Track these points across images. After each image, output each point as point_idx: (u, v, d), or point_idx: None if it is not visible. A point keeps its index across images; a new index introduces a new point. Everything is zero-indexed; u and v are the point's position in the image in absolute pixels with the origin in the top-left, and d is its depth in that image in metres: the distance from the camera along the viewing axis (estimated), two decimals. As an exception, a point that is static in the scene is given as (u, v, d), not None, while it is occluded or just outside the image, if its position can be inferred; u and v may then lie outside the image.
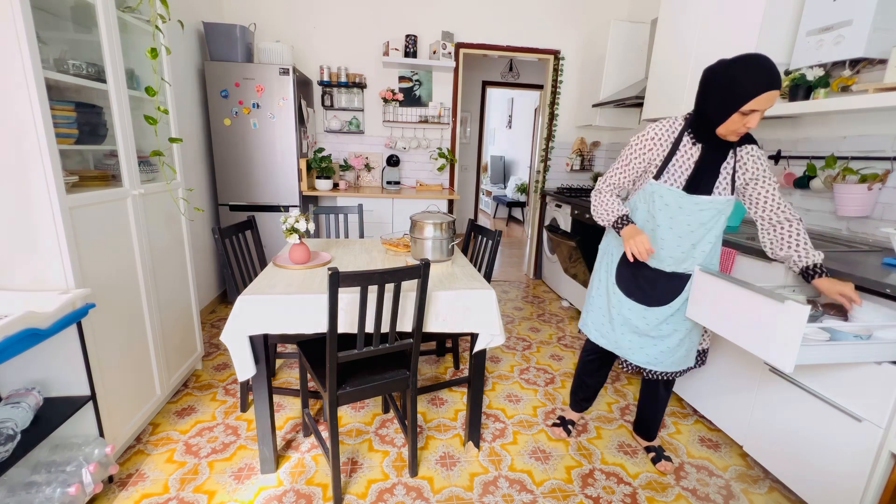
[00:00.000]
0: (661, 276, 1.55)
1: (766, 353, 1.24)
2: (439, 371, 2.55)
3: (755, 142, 1.44)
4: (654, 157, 1.46)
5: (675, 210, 1.45)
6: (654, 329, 1.59)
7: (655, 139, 1.45)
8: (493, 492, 1.66)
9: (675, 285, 1.55)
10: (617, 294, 1.64)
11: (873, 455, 1.33)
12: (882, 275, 1.39)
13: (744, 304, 1.33)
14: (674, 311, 1.56)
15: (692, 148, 1.42)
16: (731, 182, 1.44)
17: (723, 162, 1.42)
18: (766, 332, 1.24)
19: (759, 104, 1.23)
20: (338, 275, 1.29)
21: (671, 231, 1.48)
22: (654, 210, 1.48)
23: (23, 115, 1.30)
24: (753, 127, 1.28)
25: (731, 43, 2.19)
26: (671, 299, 1.56)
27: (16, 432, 1.25)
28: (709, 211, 1.43)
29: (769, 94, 1.21)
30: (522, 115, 7.73)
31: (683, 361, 1.64)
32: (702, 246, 1.49)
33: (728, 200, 1.44)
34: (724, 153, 1.41)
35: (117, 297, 1.70)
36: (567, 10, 3.84)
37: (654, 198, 1.48)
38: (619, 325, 1.65)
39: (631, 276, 1.60)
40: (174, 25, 2.46)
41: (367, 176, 3.95)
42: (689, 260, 1.51)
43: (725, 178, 1.43)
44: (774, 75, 1.21)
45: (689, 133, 1.42)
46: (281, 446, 1.85)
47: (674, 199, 1.44)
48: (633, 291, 1.60)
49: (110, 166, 1.85)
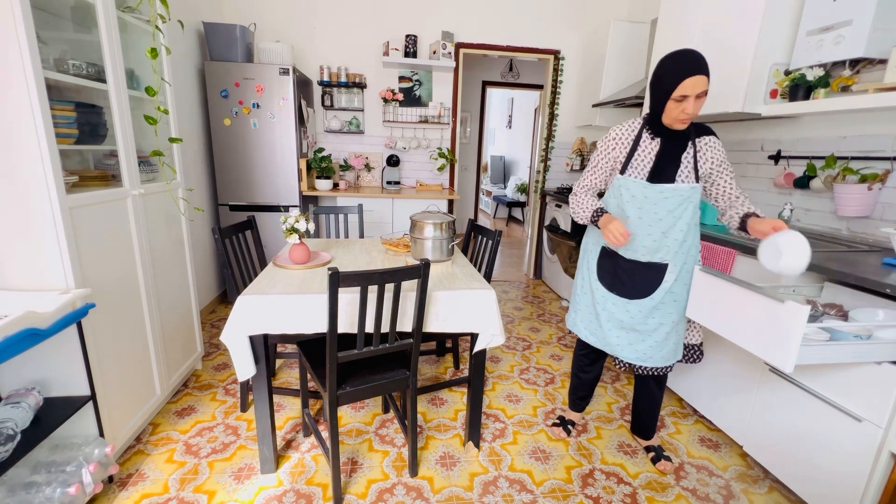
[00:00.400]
0: (638, 267, 1.59)
1: (766, 352, 1.25)
2: (439, 371, 2.55)
3: (714, 133, 1.53)
4: (619, 154, 1.57)
5: (641, 200, 1.53)
6: (640, 323, 1.62)
7: (617, 139, 1.57)
8: (493, 492, 1.66)
9: (654, 276, 1.58)
10: (600, 290, 1.68)
11: (873, 455, 1.33)
12: (882, 275, 1.39)
13: (744, 304, 1.33)
14: (657, 304, 1.59)
15: (652, 142, 1.52)
16: (693, 170, 1.50)
17: (682, 152, 1.50)
18: (766, 332, 1.24)
19: (686, 89, 1.35)
20: (338, 275, 1.29)
21: (641, 221, 1.54)
22: (623, 203, 1.57)
23: (23, 115, 1.30)
24: (691, 112, 1.39)
25: (732, 43, 2.19)
26: (652, 290, 1.59)
27: (16, 432, 1.25)
28: (673, 198, 1.50)
29: (693, 80, 1.34)
30: (522, 115, 7.73)
31: (673, 355, 1.67)
32: (673, 234, 1.54)
33: (692, 188, 1.50)
34: (682, 144, 1.50)
35: (117, 297, 1.70)
36: (567, 10, 3.84)
37: (622, 191, 1.57)
38: (606, 322, 1.68)
39: (611, 269, 1.65)
40: (174, 25, 2.46)
41: (367, 176, 3.95)
42: (664, 249, 1.55)
43: (687, 167, 1.50)
44: (695, 62, 1.34)
45: (647, 130, 1.53)
46: (281, 446, 1.85)
47: (639, 190, 1.53)
48: (615, 285, 1.64)
49: (110, 166, 1.84)
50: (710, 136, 1.52)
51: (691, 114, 1.39)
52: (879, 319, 1.34)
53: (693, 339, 1.73)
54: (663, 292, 1.58)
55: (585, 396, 2.01)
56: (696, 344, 1.72)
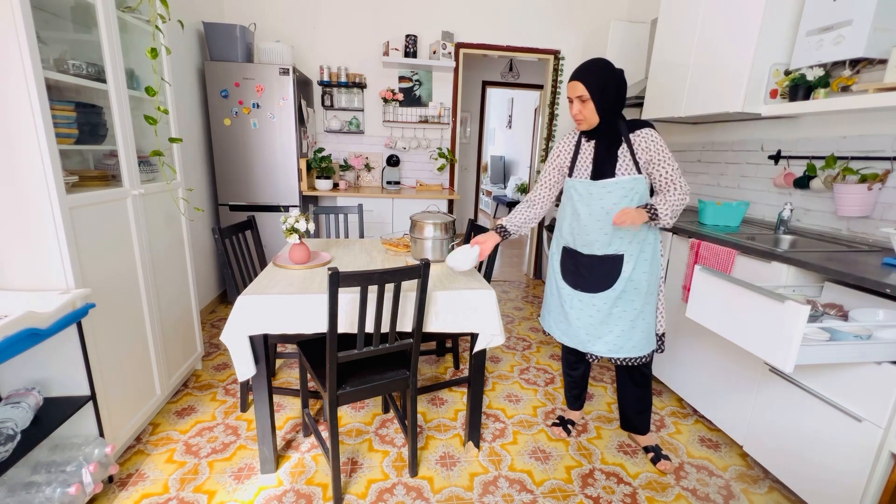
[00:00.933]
0: (596, 261, 1.66)
1: (767, 352, 1.25)
2: (439, 371, 2.55)
3: (650, 126, 1.59)
4: (563, 161, 1.73)
5: (587, 197, 1.63)
6: (606, 315, 1.67)
7: (559, 148, 1.74)
8: (493, 492, 1.66)
9: (612, 267, 1.65)
10: (566, 288, 1.74)
11: (873, 455, 1.33)
12: (882, 275, 1.39)
13: (744, 304, 1.33)
14: (619, 294, 1.65)
15: (587, 144, 1.66)
16: (633, 163, 1.57)
17: (617, 148, 1.58)
18: (766, 332, 1.24)
19: (567, 93, 1.59)
20: (338, 275, 1.29)
21: (591, 217, 1.63)
22: (574, 203, 1.67)
23: (23, 115, 1.30)
24: (573, 113, 1.59)
25: (731, 43, 2.19)
26: (613, 282, 1.65)
27: (16, 432, 1.25)
28: (617, 191, 1.58)
29: (569, 84, 1.56)
30: (522, 115, 7.73)
31: (645, 345, 1.69)
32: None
33: (634, 179, 1.57)
34: (614, 140, 1.59)
35: (117, 297, 1.70)
36: (567, 10, 3.84)
37: (571, 192, 1.68)
38: (575, 320, 1.72)
39: (573, 267, 1.72)
40: (174, 25, 2.46)
41: (367, 176, 3.95)
42: (616, 241, 1.62)
43: (626, 161, 1.57)
44: (577, 69, 1.56)
45: (584, 136, 1.68)
46: (281, 446, 1.85)
47: (585, 188, 1.64)
48: (578, 282, 1.71)
49: (110, 166, 1.84)
50: (645, 128, 1.58)
51: (577, 114, 1.57)
52: (879, 319, 1.34)
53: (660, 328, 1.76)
54: (624, 282, 1.64)
55: (579, 394, 2.05)
56: (659, 334, 1.75)
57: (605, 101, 1.53)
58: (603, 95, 1.52)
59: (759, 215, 2.44)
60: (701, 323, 1.52)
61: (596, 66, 1.54)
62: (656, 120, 2.89)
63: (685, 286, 2.09)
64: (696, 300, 1.53)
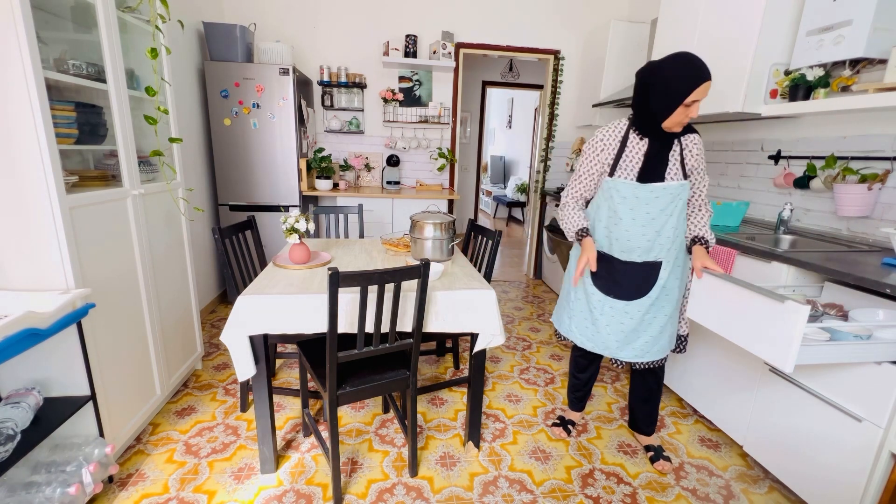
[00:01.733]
0: (634, 268, 1.60)
1: (767, 352, 1.24)
2: (439, 371, 2.55)
3: (696, 131, 1.55)
4: (607, 156, 1.56)
5: (633, 201, 1.53)
6: (639, 322, 1.63)
7: (604, 140, 1.56)
8: (493, 492, 1.66)
9: (650, 274, 1.59)
10: (596, 294, 1.66)
11: (873, 455, 1.33)
12: (882, 275, 1.39)
13: (744, 303, 1.33)
14: (653, 301, 1.61)
15: (640, 142, 1.52)
16: (681, 168, 1.52)
17: (669, 151, 1.52)
18: (767, 332, 1.24)
19: (698, 95, 1.37)
20: (338, 275, 1.29)
21: (634, 221, 1.55)
22: (615, 205, 1.56)
23: (23, 115, 1.30)
24: (695, 116, 1.43)
25: (731, 43, 2.19)
26: (649, 289, 1.60)
27: (16, 432, 1.25)
28: (664, 197, 1.51)
29: (705, 86, 1.36)
30: (522, 115, 7.73)
31: (667, 348, 1.69)
32: (666, 232, 1.55)
33: (681, 185, 1.52)
34: (669, 143, 1.51)
35: (117, 297, 1.70)
36: (567, 10, 3.84)
37: (612, 193, 1.56)
38: (605, 326, 1.66)
39: (606, 273, 1.63)
40: (174, 25, 2.46)
41: (367, 176, 3.95)
42: (657, 247, 1.56)
43: (675, 165, 1.52)
44: (704, 68, 1.36)
45: (634, 130, 1.53)
46: (281, 446, 1.85)
47: (630, 191, 1.53)
48: (612, 289, 1.63)
49: (110, 166, 1.84)
50: (694, 133, 1.54)
51: (694, 117, 1.43)
52: (879, 319, 1.34)
53: (682, 329, 1.75)
54: (658, 289, 1.60)
55: (583, 396, 2.03)
56: (683, 335, 1.75)
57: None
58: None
59: (759, 215, 2.44)
60: (702, 323, 1.52)
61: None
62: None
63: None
64: (697, 300, 1.53)
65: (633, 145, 1.53)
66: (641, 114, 1.49)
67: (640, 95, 1.48)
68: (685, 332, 1.74)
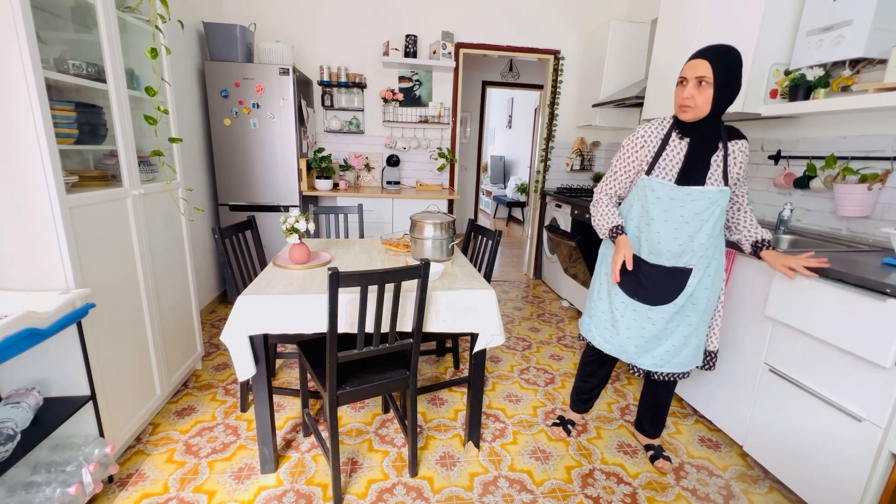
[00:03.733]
0: (661, 272, 1.54)
1: (864, 349, 1.31)
2: (439, 371, 2.55)
3: (745, 137, 1.49)
4: (646, 154, 1.51)
5: (667, 202, 1.47)
6: (661, 330, 1.58)
7: (646, 136, 1.51)
8: (493, 492, 1.66)
9: (677, 280, 1.54)
10: (620, 296, 1.62)
11: (873, 455, 1.33)
12: (882, 275, 1.39)
13: (837, 301, 1.39)
14: (678, 309, 1.55)
15: (680, 143, 1.47)
16: (723, 173, 1.45)
17: (713, 154, 1.45)
18: (864, 329, 1.33)
19: (685, 72, 1.38)
20: (338, 275, 1.29)
21: (666, 224, 1.49)
22: (648, 205, 1.51)
23: (23, 115, 1.30)
24: (682, 96, 1.39)
25: (731, 43, 2.18)
26: (675, 296, 1.54)
27: (16, 432, 1.25)
28: (701, 201, 1.45)
29: (690, 63, 1.37)
30: (522, 115, 7.73)
31: (692, 360, 1.62)
32: (699, 238, 1.49)
33: (721, 191, 1.45)
34: (712, 145, 1.45)
35: (117, 297, 1.70)
36: (567, 10, 3.84)
37: (647, 192, 1.51)
38: (625, 329, 1.62)
39: (633, 275, 1.59)
40: (174, 25, 2.46)
41: (367, 176, 3.95)
42: (689, 253, 1.50)
43: (717, 170, 1.45)
44: (702, 49, 1.37)
45: (676, 130, 1.48)
46: (281, 446, 1.85)
47: (665, 192, 1.47)
48: (637, 291, 1.58)
49: (110, 166, 1.84)
50: (742, 140, 1.48)
51: (688, 98, 1.37)
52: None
53: (711, 345, 1.67)
54: (685, 297, 1.54)
55: (588, 399, 1.98)
56: (713, 351, 1.67)
57: (725, 94, 1.35)
58: (726, 87, 1.34)
59: (760, 215, 2.44)
60: (783, 321, 1.57)
61: (730, 52, 1.34)
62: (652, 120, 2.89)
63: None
64: (779, 298, 1.57)
65: (673, 145, 1.48)
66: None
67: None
68: (715, 347, 1.67)
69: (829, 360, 1.46)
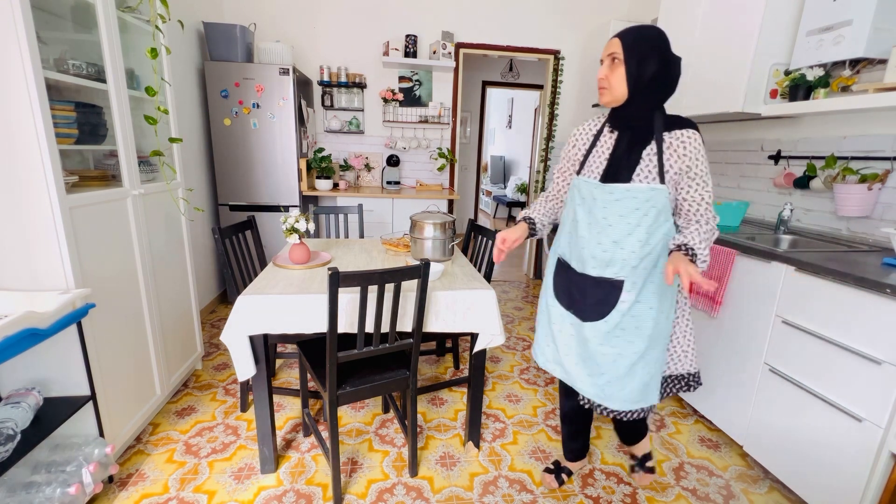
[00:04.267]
0: (589, 283, 1.34)
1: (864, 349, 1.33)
2: (439, 371, 2.55)
3: (695, 127, 1.23)
4: (577, 153, 1.40)
5: (590, 203, 1.31)
6: (598, 353, 1.35)
7: (577, 135, 1.41)
8: (493, 492, 1.66)
9: (608, 294, 1.31)
10: (556, 307, 1.45)
11: (873, 455, 1.33)
12: (882, 275, 1.39)
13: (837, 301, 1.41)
14: (611, 328, 1.32)
15: (610, 137, 1.32)
16: (658, 169, 1.22)
17: (644, 147, 1.25)
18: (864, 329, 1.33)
19: (602, 52, 1.25)
20: (338, 275, 1.29)
21: (589, 227, 1.32)
22: (575, 206, 1.36)
23: (23, 116, 1.30)
24: (599, 77, 1.25)
25: (731, 43, 2.19)
26: (606, 312, 1.32)
27: (16, 432, 1.25)
28: (626, 201, 1.24)
29: (608, 42, 1.23)
30: (522, 115, 7.73)
31: (640, 398, 1.35)
32: (628, 245, 1.26)
33: (653, 190, 1.22)
34: (644, 137, 1.25)
35: (117, 297, 1.70)
36: (567, 10, 3.84)
37: (574, 193, 1.37)
38: (563, 346, 1.43)
39: (564, 284, 1.42)
40: (174, 25, 2.46)
41: (367, 176, 3.95)
42: (618, 262, 1.28)
43: (648, 165, 1.23)
44: (623, 30, 1.23)
45: (608, 124, 1.34)
46: (281, 446, 1.85)
47: (589, 191, 1.31)
48: (571, 303, 1.40)
49: (110, 166, 1.85)
50: (686, 129, 1.22)
51: (602, 78, 1.24)
52: None
53: (684, 368, 1.43)
54: (620, 315, 1.30)
55: (577, 449, 1.72)
56: (690, 373, 1.45)
57: (640, 74, 1.18)
58: (640, 66, 1.18)
59: (759, 215, 2.44)
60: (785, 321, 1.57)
61: (645, 31, 1.20)
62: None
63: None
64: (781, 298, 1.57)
65: (604, 140, 1.33)
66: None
67: None
68: (694, 369, 1.44)
69: (830, 360, 1.47)
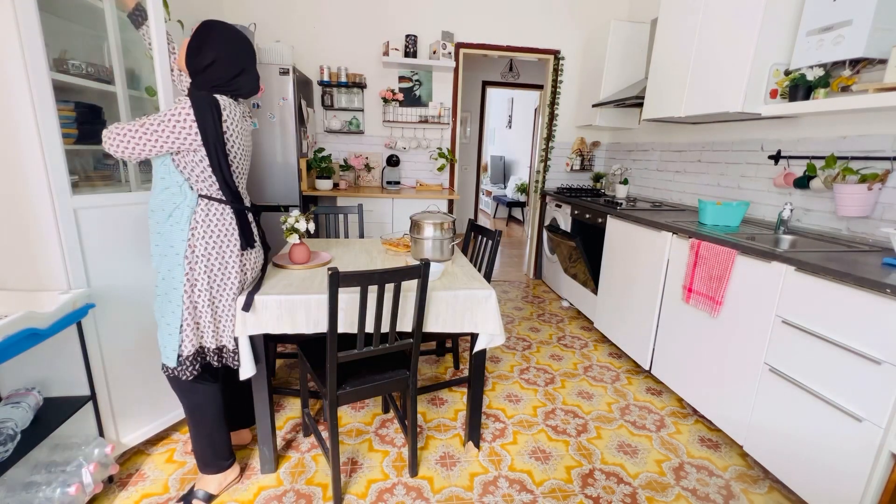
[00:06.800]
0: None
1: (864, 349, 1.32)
2: (439, 371, 2.55)
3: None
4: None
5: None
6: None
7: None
8: (493, 492, 1.66)
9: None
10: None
11: (873, 455, 1.33)
12: (882, 275, 1.39)
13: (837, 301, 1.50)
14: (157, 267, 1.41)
15: None
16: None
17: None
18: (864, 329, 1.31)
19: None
20: (338, 275, 1.29)
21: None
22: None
23: (27, 116, 1.30)
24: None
25: (731, 43, 2.19)
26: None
27: (16, 432, 1.25)
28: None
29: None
30: (522, 115, 7.73)
31: (163, 351, 1.40)
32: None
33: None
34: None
35: (117, 297, 1.70)
36: (567, 10, 3.84)
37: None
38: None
39: None
40: (174, 25, 2.46)
41: (367, 176, 3.95)
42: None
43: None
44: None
45: None
46: (281, 446, 1.85)
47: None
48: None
49: (110, 166, 1.84)
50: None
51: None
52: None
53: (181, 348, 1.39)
54: (156, 258, 1.42)
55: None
56: (183, 355, 1.40)
57: (194, 58, 1.37)
58: (196, 52, 1.36)
59: (759, 215, 2.44)
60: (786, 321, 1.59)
61: (205, 22, 1.38)
62: (656, 120, 2.90)
63: (685, 286, 2.09)
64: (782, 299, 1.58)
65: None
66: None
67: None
68: (188, 351, 1.38)
69: (830, 360, 1.47)
